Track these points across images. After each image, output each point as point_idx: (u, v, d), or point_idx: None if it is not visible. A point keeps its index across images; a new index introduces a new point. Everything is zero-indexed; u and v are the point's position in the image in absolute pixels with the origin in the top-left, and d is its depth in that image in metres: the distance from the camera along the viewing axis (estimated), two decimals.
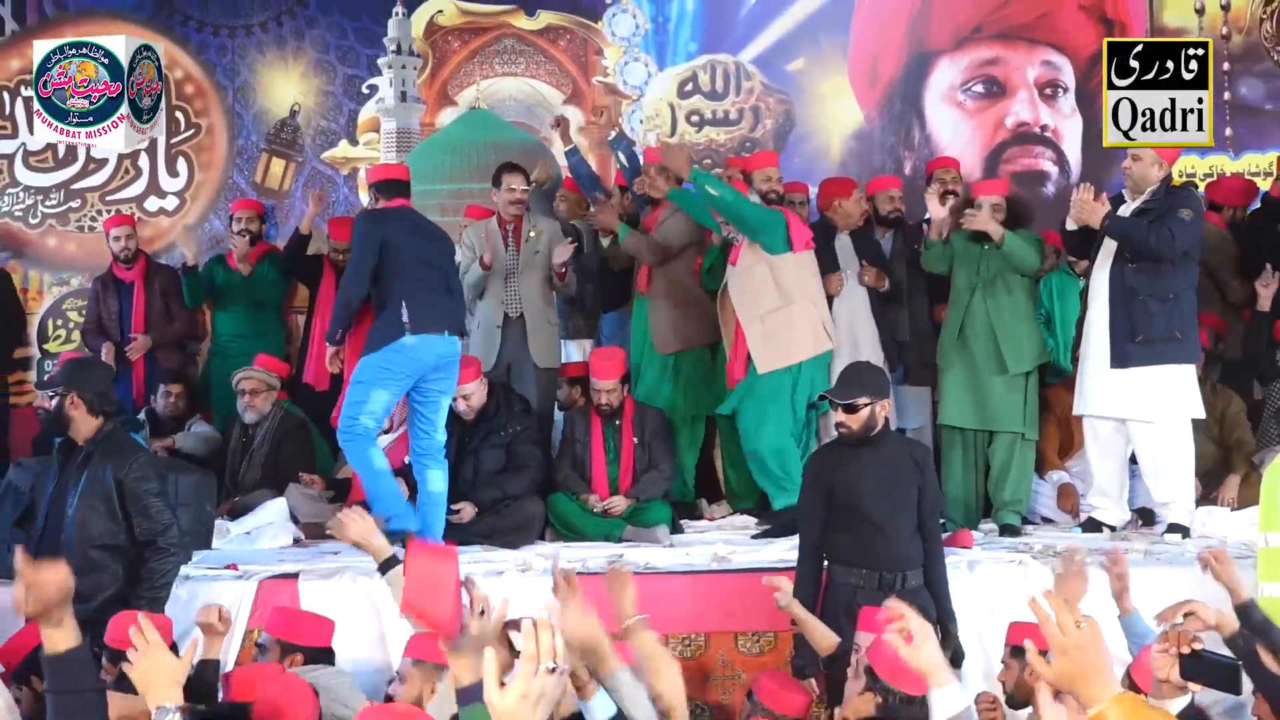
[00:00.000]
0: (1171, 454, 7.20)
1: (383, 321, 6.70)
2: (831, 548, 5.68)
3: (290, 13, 10.07)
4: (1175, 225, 6.96)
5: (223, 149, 10.12)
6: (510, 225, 7.96)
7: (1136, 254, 7.04)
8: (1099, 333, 7.16)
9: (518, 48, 10.17)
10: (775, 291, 7.22)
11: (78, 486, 5.61)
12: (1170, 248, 6.96)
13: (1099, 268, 7.21)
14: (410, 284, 6.69)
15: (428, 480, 6.85)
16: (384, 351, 6.60)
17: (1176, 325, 7.08)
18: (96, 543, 5.60)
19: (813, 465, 5.91)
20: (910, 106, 10.23)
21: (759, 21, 10.17)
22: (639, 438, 7.52)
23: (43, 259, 10.01)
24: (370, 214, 7.13)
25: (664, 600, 6.33)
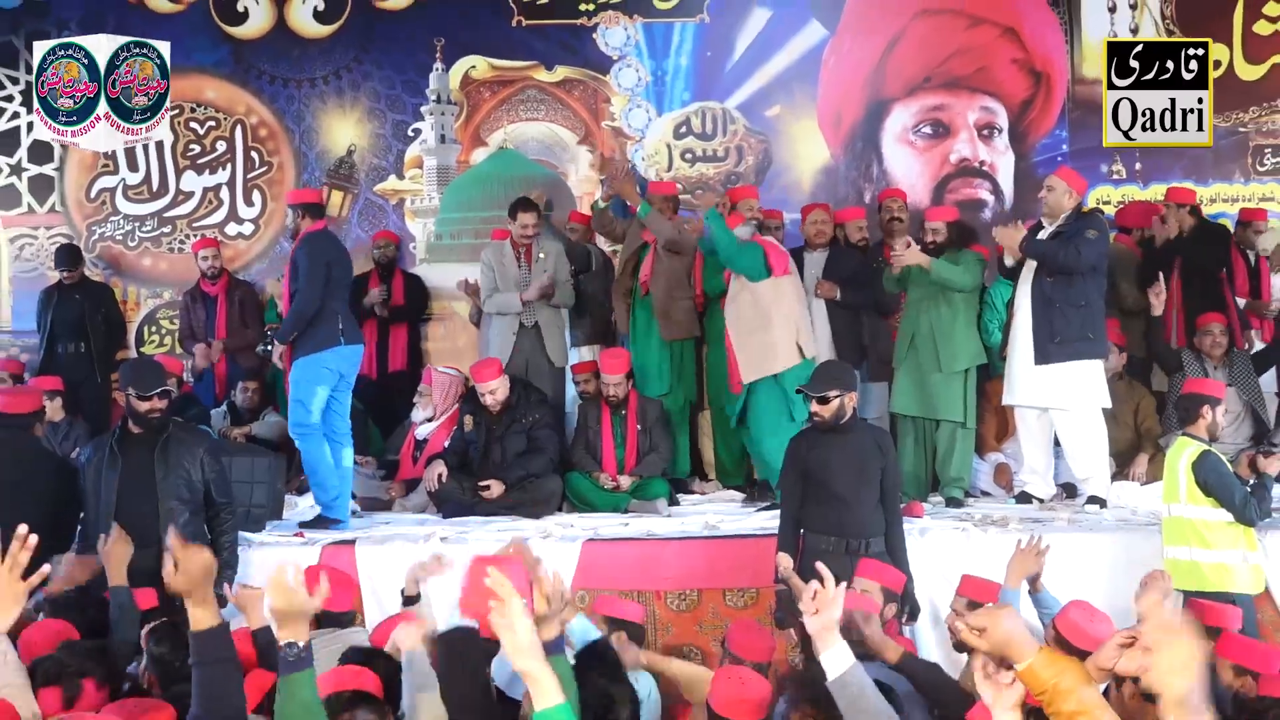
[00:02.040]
0: (1087, 436, 7.24)
1: (320, 331, 6.88)
2: (807, 518, 5.73)
3: (348, 68, 10.08)
4: (1082, 244, 7.02)
5: (291, 182, 10.11)
6: (522, 248, 8.00)
7: (1052, 270, 7.08)
8: (1024, 335, 7.21)
9: (539, 97, 10.17)
10: (755, 313, 7.22)
11: (168, 460, 5.69)
12: (1078, 263, 7.02)
13: (1023, 282, 7.26)
14: (339, 300, 7.01)
15: (341, 457, 7.02)
16: (321, 355, 6.83)
17: (1089, 328, 7.14)
18: (193, 505, 5.73)
19: (791, 449, 5.95)
20: (869, 145, 10.22)
21: (742, 75, 10.17)
22: (642, 425, 7.54)
23: (139, 276, 10.02)
24: (318, 234, 7.16)
25: (663, 561, 6.37)
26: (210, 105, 10.09)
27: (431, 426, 7.88)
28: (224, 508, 5.86)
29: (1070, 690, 2.86)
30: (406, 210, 10.13)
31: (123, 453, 5.73)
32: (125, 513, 5.57)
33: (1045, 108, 10.20)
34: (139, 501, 5.63)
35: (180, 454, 5.73)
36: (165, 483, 5.67)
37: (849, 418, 5.74)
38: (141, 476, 5.67)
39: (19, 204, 10.02)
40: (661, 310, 7.94)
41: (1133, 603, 5.08)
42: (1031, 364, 7.14)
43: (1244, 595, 5.70)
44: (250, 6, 10.05)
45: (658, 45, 10.15)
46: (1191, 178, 10.00)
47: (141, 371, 5.88)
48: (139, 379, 5.74)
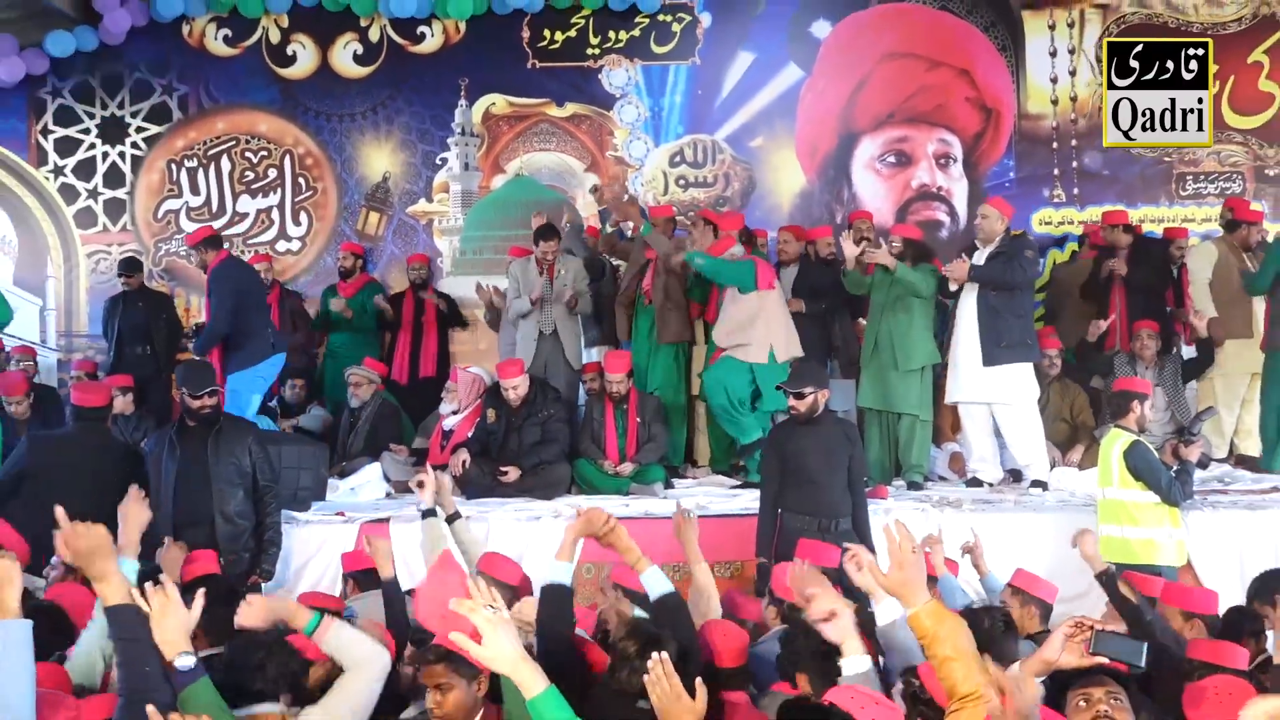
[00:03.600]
0: (1025, 427, 7.28)
1: (253, 345, 7.03)
2: (784, 500, 5.75)
3: (383, 104, 10.09)
4: (1025, 262, 7.11)
5: (333, 205, 10.13)
6: (545, 266, 8.02)
7: (998, 287, 7.11)
8: (968, 341, 7.28)
9: (551, 130, 10.17)
10: (744, 316, 7.27)
11: (220, 450, 5.74)
12: (1022, 279, 7.11)
13: (965, 297, 7.30)
14: (263, 316, 7.20)
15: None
16: (257, 367, 7.00)
17: (1027, 334, 7.26)
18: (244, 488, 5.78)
19: (770, 438, 6.03)
20: (841, 173, 10.23)
21: (729, 111, 10.17)
22: (641, 418, 7.53)
23: (199, 287, 9.99)
24: (223, 265, 7.27)
25: (660, 537, 6.28)
26: (263, 137, 10.09)
27: (457, 419, 7.88)
28: (268, 490, 5.88)
29: (947, 639, 2.90)
30: (435, 229, 10.14)
31: (181, 443, 5.77)
32: (182, 495, 5.66)
33: (995, 140, 10.21)
34: (194, 485, 5.69)
35: (230, 443, 5.78)
36: (216, 468, 5.71)
37: (821, 411, 5.78)
38: (197, 463, 5.72)
39: (95, 224, 10.03)
40: (659, 319, 7.96)
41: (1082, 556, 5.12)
42: (976, 366, 7.20)
43: (1169, 567, 5.72)
44: (298, 51, 10.06)
45: (655, 85, 10.16)
46: (1123, 201, 10.04)
47: (192, 373, 5.88)
48: (190, 380, 5.78)
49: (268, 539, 5.84)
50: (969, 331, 7.23)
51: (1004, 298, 7.13)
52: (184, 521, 5.54)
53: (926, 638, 2.94)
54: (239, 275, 7.30)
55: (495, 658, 2.61)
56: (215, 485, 5.69)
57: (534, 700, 2.59)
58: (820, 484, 5.68)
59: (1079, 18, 10.20)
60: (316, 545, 6.29)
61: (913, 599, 3.00)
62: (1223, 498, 6.93)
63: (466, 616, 2.62)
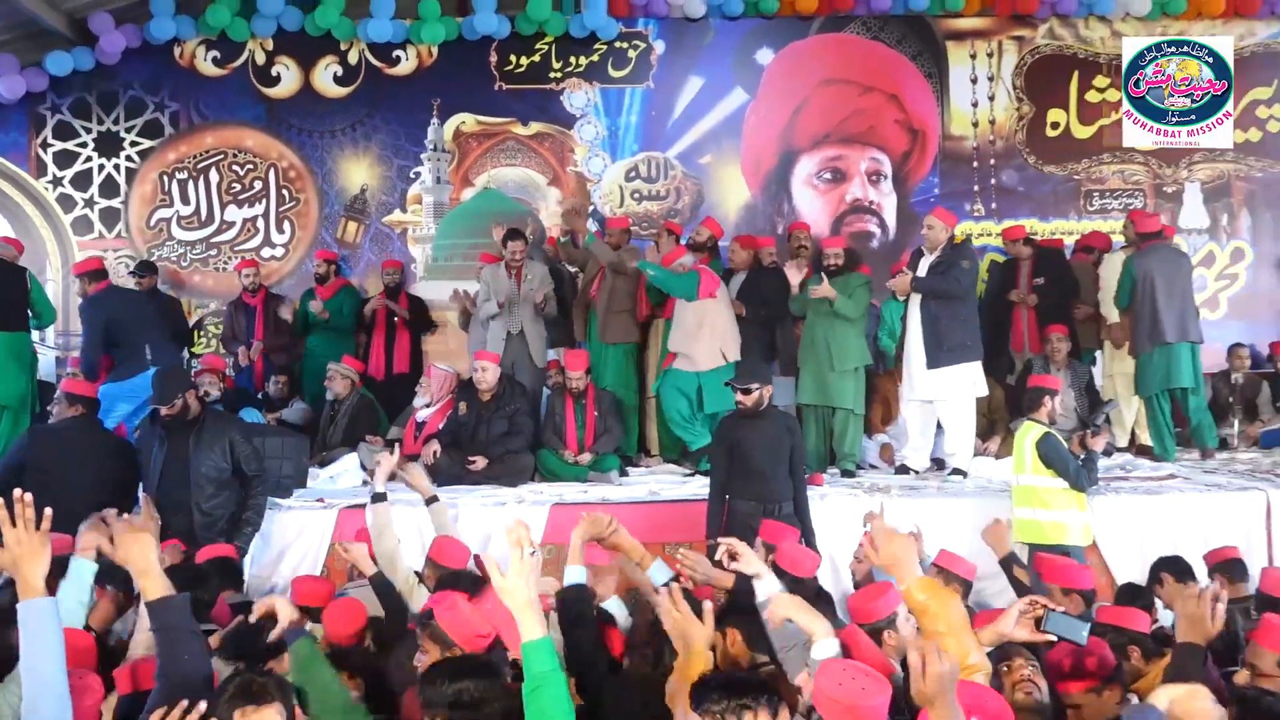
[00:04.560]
0: (962, 422, 7.34)
1: (129, 364, 6.94)
2: (732, 487, 5.79)
3: (361, 122, 10.02)
4: (959, 274, 7.16)
5: (314, 215, 10.05)
6: (513, 271, 8.00)
7: (937, 297, 7.17)
8: (916, 345, 7.33)
9: (516, 147, 10.14)
10: (692, 324, 7.33)
11: (198, 446, 5.71)
12: (959, 289, 7.17)
13: (912, 305, 7.37)
14: (142, 336, 7.01)
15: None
16: (133, 381, 6.85)
17: (967, 337, 7.28)
18: (219, 481, 5.74)
19: (719, 430, 6.06)
20: (782, 188, 10.27)
21: (680, 130, 10.18)
22: (598, 411, 7.53)
23: (190, 290, 9.92)
24: (95, 298, 7.26)
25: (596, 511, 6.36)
26: (249, 151, 10.00)
27: (429, 411, 7.85)
28: (254, 477, 5.87)
29: (939, 614, 2.91)
30: (409, 238, 10.09)
31: (168, 435, 5.77)
32: (166, 482, 5.68)
33: (921, 159, 10.29)
34: (177, 474, 5.69)
35: (211, 438, 5.76)
36: (196, 462, 5.70)
37: (766, 405, 5.82)
38: (181, 454, 5.71)
39: (92, 231, 9.90)
40: (602, 320, 8.00)
41: (981, 537, 5.19)
42: (924, 368, 7.26)
43: (1077, 547, 5.78)
44: (282, 72, 9.97)
45: (612, 106, 10.15)
46: (1036, 215, 10.16)
47: (159, 386, 5.80)
48: (157, 393, 5.73)
49: (245, 518, 5.80)
50: (916, 336, 7.31)
51: (944, 305, 7.20)
52: (165, 508, 5.43)
53: (918, 611, 2.94)
54: (109, 305, 7.17)
55: (512, 590, 2.59)
56: (193, 478, 5.68)
57: (528, 644, 2.58)
58: (765, 472, 5.72)
59: (997, 48, 10.31)
60: (298, 530, 6.24)
61: (905, 576, 3.01)
62: (1124, 484, 7.01)
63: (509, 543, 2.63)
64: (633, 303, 8.01)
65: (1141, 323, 7.73)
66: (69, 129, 9.83)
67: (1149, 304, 7.67)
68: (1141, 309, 7.71)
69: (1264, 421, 8.90)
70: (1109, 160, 10.29)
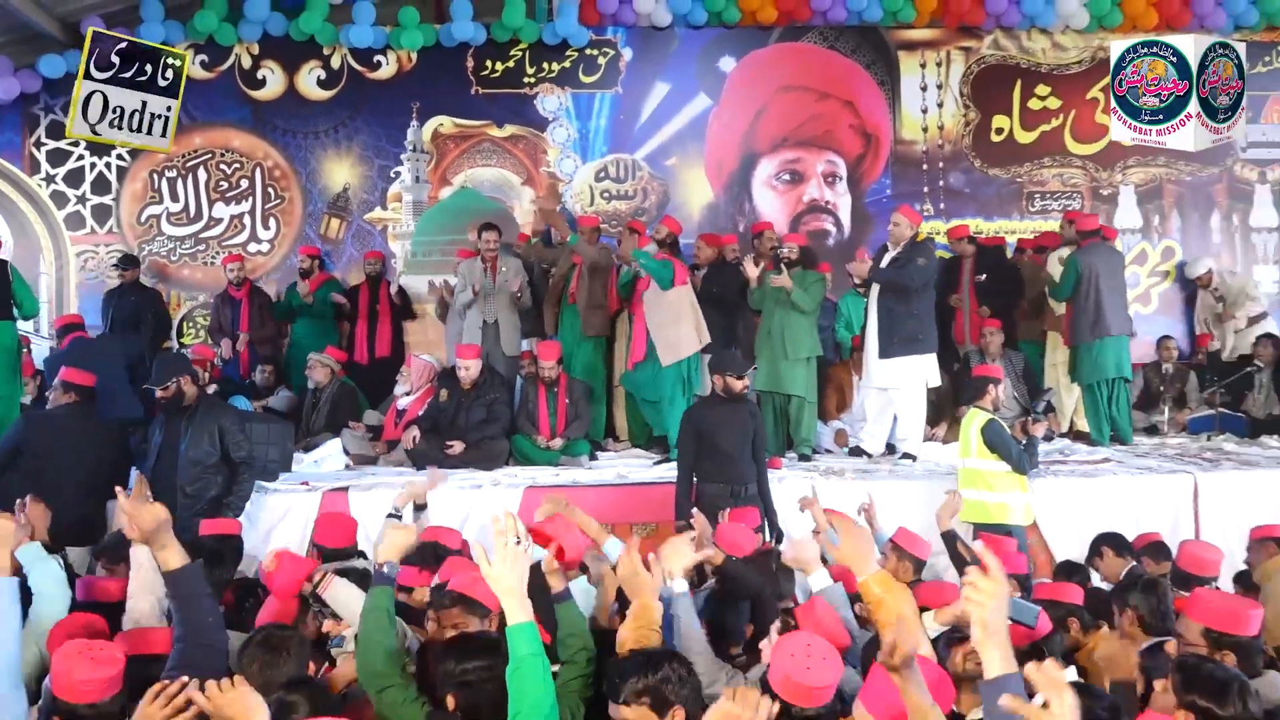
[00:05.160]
0: (914, 409, 7.39)
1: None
2: (700, 469, 5.80)
3: (343, 124, 9.94)
4: (914, 269, 7.19)
5: (299, 212, 9.97)
6: (488, 264, 8.00)
7: (892, 289, 7.21)
8: (873, 335, 7.35)
9: (492, 148, 10.10)
10: (669, 313, 7.39)
11: (189, 431, 5.66)
12: (911, 283, 7.19)
13: (872, 298, 7.44)
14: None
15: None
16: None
17: (919, 331, 7.33)
18: (204, 465, 5.67)
19: (687, 416, 6.06)
20: (743, 188, 10.28)
21: (647, 133, 10.17)
22: (569, 399, 7.53)
23: (179, 283, 9.83)
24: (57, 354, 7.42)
25: (585, 502, 6.25)
26: (236, 151, 9.90)
27: (410, 399, 7.82)
28: (241, 462, 5.81)
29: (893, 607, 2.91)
30: (389, 234, 10.03)
31: (166, 421, 5.76)
32: (160, 465, 5.65)
33: (874, 162, 10.33)
34: (170, 457, 5.65)
35: (203, 422, 5.71)
36: (185, 446, 5.65)
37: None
38: (175, 438, 5.68)
39: (84, 226, 9.77)
40: (583, 316, 8.00)
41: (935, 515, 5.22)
42: (878, 358, 7.33)
43: (1018, 527, 5.84)
44: (268, 75, 9.88)
45: (583, 110, 10.12)
46: (981, 215, 10.23)
47: (157, 368, 5.84)
48: (154, 376, 5.76)
49: (227, 502, 5.71)
50: (874, 328, 7.39)
51: (898, 299, 7.25)
52: (156, 491, 5.35)
53: (873, 604, 2.94)
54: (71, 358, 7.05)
55: (498, 578, 2.57)
56: (180, 461, 5.63)
57: (512, 628, 2.57)
58: (731, 456, 5.74)
59: (946, 58, 10.36)
60: (283, 511, 6.20)
61: (861, 569, 3.01)
62: (1063, 467, 7.09)
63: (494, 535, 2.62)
64: (606, 298, 8.03)
65: (1085, 314, 7.81)
66: (61, 129, 9.67)
67: (1093, 297, 7.77)
68: (1086, 301, 7.80)
69: (1192, 409, 9.02)
70: (1049, 164, 10.38)
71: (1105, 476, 6.77)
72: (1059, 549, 6.07)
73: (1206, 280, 9.70)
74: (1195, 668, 2.92)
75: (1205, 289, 9.75)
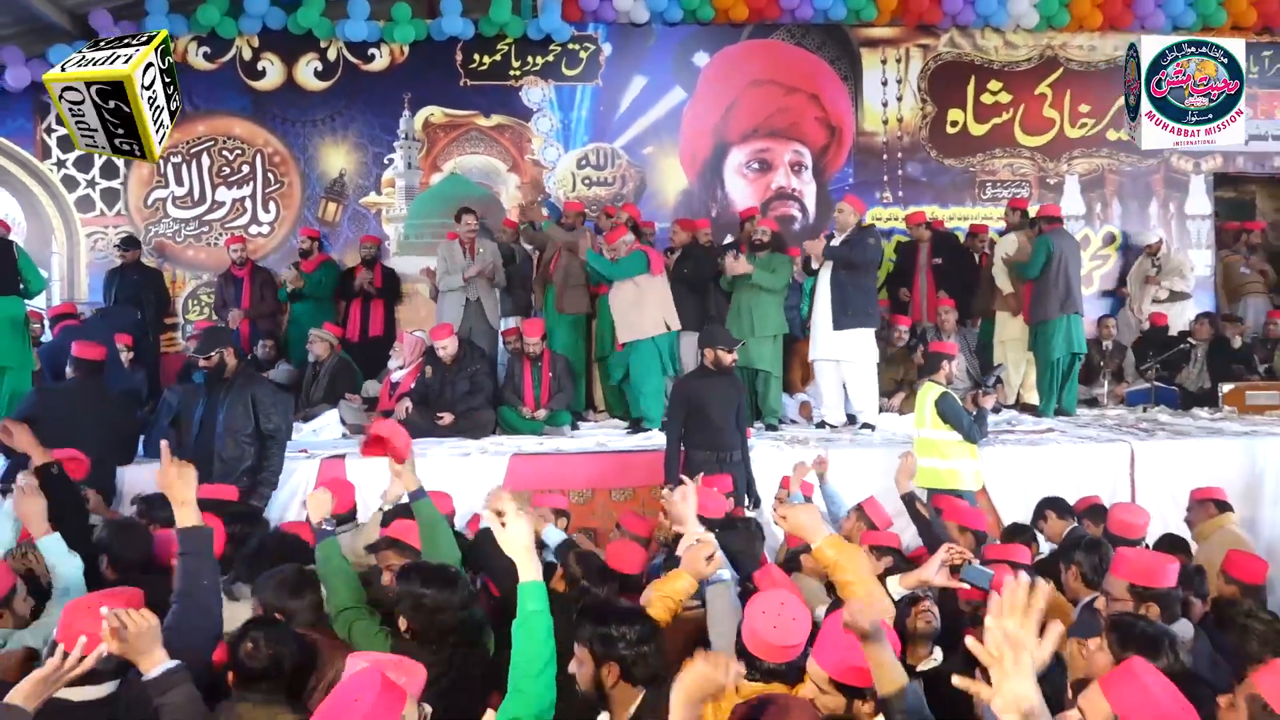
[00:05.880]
0: (864, 380, 7.41)
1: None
2: (689, 437, 5.81)
3: (339, 113, 9.84)
4: (865, 248, 7.20)
5: (297, 196, 9.88)
6: (467, 245, 8.00)
7: (844, 266, 7.21)
8: (823, 311, 7.40)
9: (479, 136, 10.02)
10: (634, 298, 7.34)
11: (227, 400, 5.60)
12: (862, 260, 7.20)
13: (822, 276, 7.45)
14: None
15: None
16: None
17: (868, 305, 7.32)
18: (240, 434, 5.58)
19: (678, 386, 6.10)
20: (715, 176, 10.25)
21: (625, 124, 10.11)
22: (552, 373, 7.53)
23: (183, 263, 9.73)
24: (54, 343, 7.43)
25: (568, 469, 6.39)
26: (237, 138, 9.79)
27: (402, 373, 7.79)
28: (270, 436, 5.67)
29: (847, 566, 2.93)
30: (383, 218, 9.95)
31: (207, 391, 5.73)
32: (203, 433, 5.63)
33: (838, 152, 10.32)
34: (211, 425, 5.61)
35: (240, 394, 5.62)
36: (226, 413, 5.59)
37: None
38: (214, 408, 5.63)
39: (94, 209, 9.66)
40: (559, 294, 8.00)
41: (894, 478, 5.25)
42: (829, 330, 7.30)
43: (969, 491, 5.88)
44: (267, 66, 9.76)
45: (565, 101, 10.05)
46: (937, 202, 10.24)
47: (200, 339, 5.86)
48: (197, 344, 5.80)
49: (261, 478, 5.63)
50: (824, 303, 7.35)
51: (850, 275, 7.25)
52: (199, 459, 5.35)
53: (829, 566, 2.94)
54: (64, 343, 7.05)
55: (512, 539, 2.58)
56: (218, 429, 5.56)
57: (524, 585, 2.57)
58: (718, 425, 5.76)
59: (905, 55, 10.34)
60: (284, 478, 6.18)
61: (813, 537, 3.02)
62: (1010, 436, 7.13)
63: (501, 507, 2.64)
64: (585, 278, 8.03)
65: (1054, 292, 7.85)
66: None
67: (1063, 277, 7.84)
68: (1056, 280, 7.85)
69: (1129, 383, 9.10)
70: (1000, 155, 10.39)
71: (1049, 445, 6.81)
72: (1006, 512, 6.11)
73: (1155, 248, 9.73)
74: (1129, 625, 2.96)
75: (1150, 255, 9.77)
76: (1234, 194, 10.61)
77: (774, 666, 2.59)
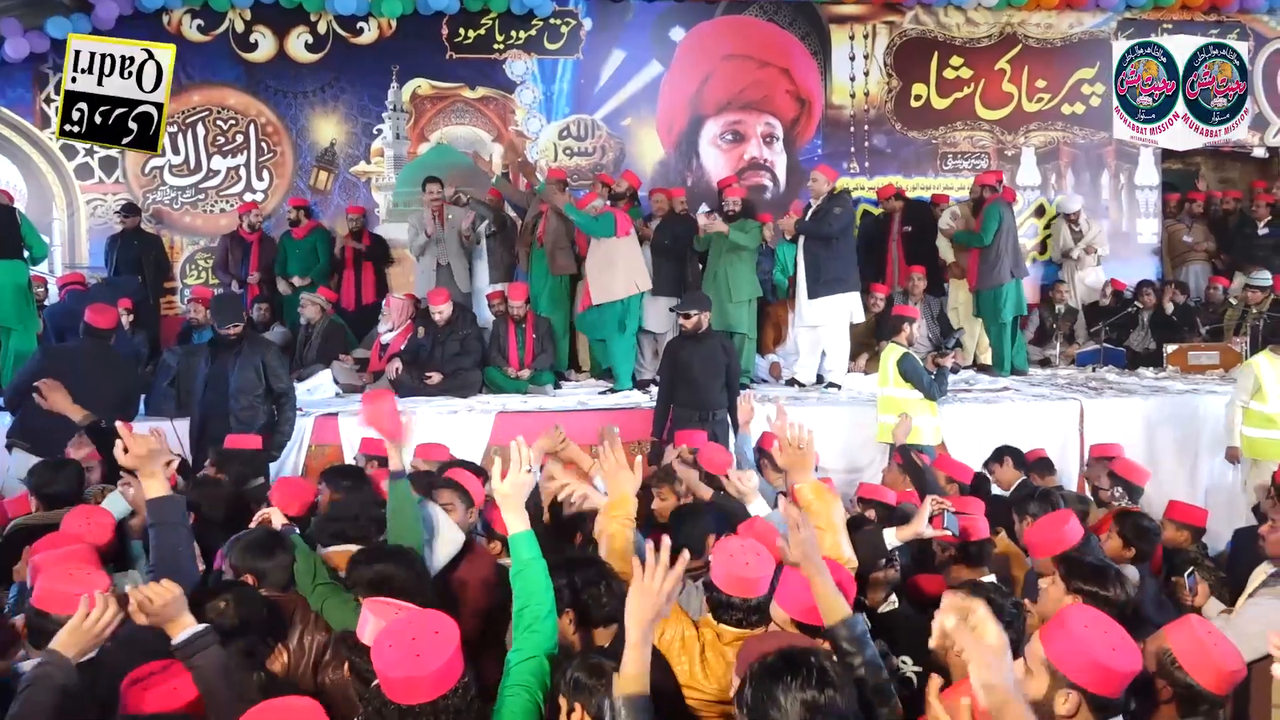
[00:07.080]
0: (838, 344, 7.46)
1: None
2: (676, 396, 5.86)
3: (330, 84, 9.71)
4: (832, 218, 7.24)
5: (290, 165, 9.77)
6: (434, 212, 8.22)
7: (815, 238, 7.24)
8: (802, 281, 7.39)
9: (465, 108, 9.92)
10: (606, 259, 7.29)
11: (239, 364, 5.60)
12: (830, 230, 7.23)
13: (800, 247, 7.42)
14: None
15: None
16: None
17: (842, 272, 7.38)
18: (253, 394, 5.62)
19: (668, 348, 6.18)
20: (691, 147, 10.20)
21: (605, 96, 10.02)
22: (536, 334, 7.54)
23: (180, 229, 9.62)
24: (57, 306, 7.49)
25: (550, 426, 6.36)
26: (232, 109, 9.65)
27: (392, 335, 7.77)
28: (282, 395, 5.74)
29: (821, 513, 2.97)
30: (373, 186, 9.86)
31: (213, 355, 5.71)
32: (210, 393, 5.62)
33: (808, 124, 10.28)
34: (218, 389, 5.61)
35: (249, 357, 5.64)
36: (235, 375, 5.59)
37: (705, 328, 5.88)
38: (223, 371, 5.62)
39: (93, 176, 9.52)
40: (549, 256, 7.94)
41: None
42: (807, 298, 7.37)
43: (929, 446, 5.95)
44: (259, 39, 9.60)
45: (547, 74, 9.95)
46: (901, 173, 10.24)
47: (221, 308, 5.81)
48: (217, 313, 5.75)
49: (281, 431, 5.74)
50: (802, 274, 7.42)
51: (822, 245, 7.32)
52: (208, 415, 5.53)
53: (804, 505, 2.98)
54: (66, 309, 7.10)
55: (504, 493, 2.57)
56: (231, 390, 5.58)
57: (515, 536, 2.57)
58: (702, 385, 5.81)
59: (872, 31, 10.29)
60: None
61: (799, 477, 3.04)
62: (968, 394, 7.21)
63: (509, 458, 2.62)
64: (571, 240, 7.97)
65: (1005, 258, 8.00)
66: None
67: (1012, 244, 7.98)
68: (1006, 247, 7.97)
69: (1079, 344, 9.18)
70: (961, 127, 10.38)
71: (1004, 403, 6.89)
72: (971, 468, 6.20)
73: (1075, 217, 9.73)
74: (1076, 561, 3.02)
75: (1071, 223, 9.76)
76: (1180, 165, 10.65)
77: (744, 602, 2.61)
